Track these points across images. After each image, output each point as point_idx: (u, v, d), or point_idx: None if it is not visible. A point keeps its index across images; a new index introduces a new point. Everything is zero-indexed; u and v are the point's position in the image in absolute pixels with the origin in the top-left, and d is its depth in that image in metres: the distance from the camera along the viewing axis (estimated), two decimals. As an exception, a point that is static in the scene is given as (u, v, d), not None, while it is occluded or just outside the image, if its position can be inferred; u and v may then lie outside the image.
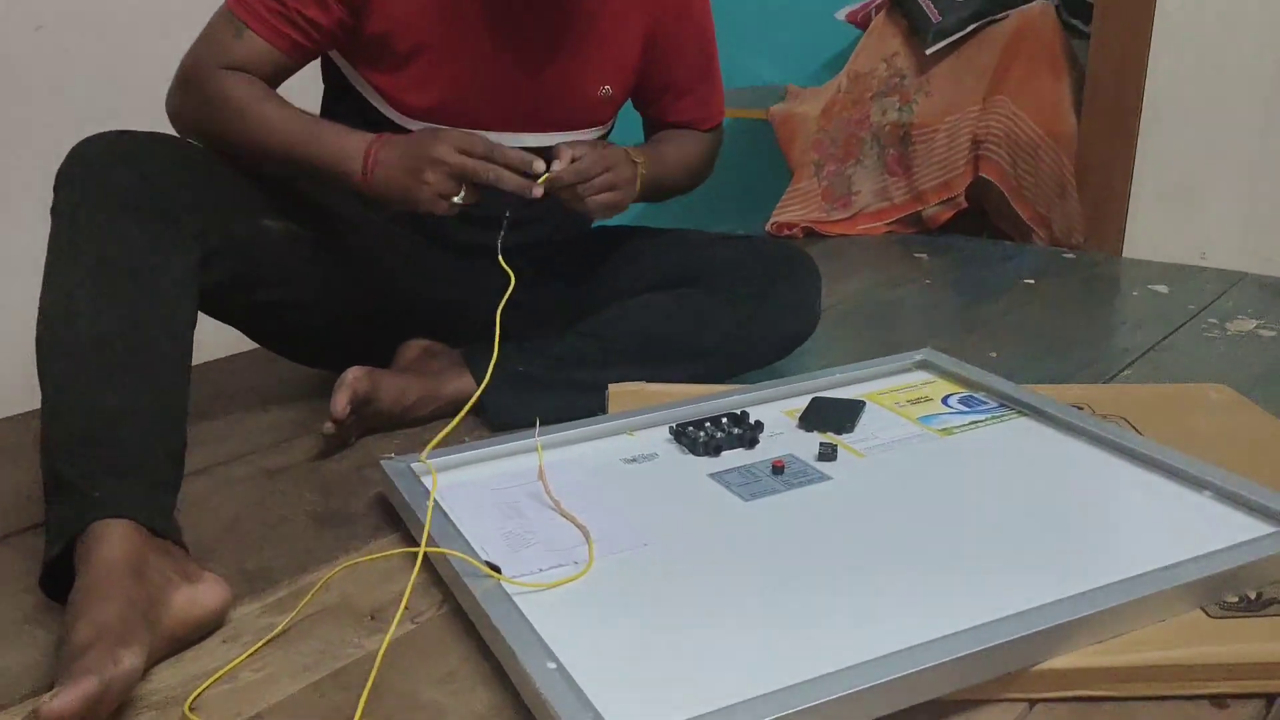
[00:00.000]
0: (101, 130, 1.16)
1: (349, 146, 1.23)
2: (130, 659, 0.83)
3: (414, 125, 1.33)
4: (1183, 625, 0.90)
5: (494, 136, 1.33)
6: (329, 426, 1.28)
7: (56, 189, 1.12)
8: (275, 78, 1.28)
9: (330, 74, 1.39)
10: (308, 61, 1.31)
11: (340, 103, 1.36)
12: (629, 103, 1.50)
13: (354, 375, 1.29)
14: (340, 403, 1.27)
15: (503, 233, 1.28)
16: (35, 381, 1.21)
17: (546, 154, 1.30)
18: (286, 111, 1.24)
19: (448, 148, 1.20)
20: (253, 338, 1.41)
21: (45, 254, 1.10)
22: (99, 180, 1.11)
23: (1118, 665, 0.87)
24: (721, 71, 1.54)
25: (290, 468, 1.30)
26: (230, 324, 1.35)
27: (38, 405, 1.48)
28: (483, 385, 1.27)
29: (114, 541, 0.92)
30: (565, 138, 1.38)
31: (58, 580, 0.95)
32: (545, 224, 1.44)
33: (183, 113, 1.26)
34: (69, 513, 0.96)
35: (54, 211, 1.12)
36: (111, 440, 1.00)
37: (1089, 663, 0.87)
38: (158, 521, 0.97)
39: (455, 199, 1.21)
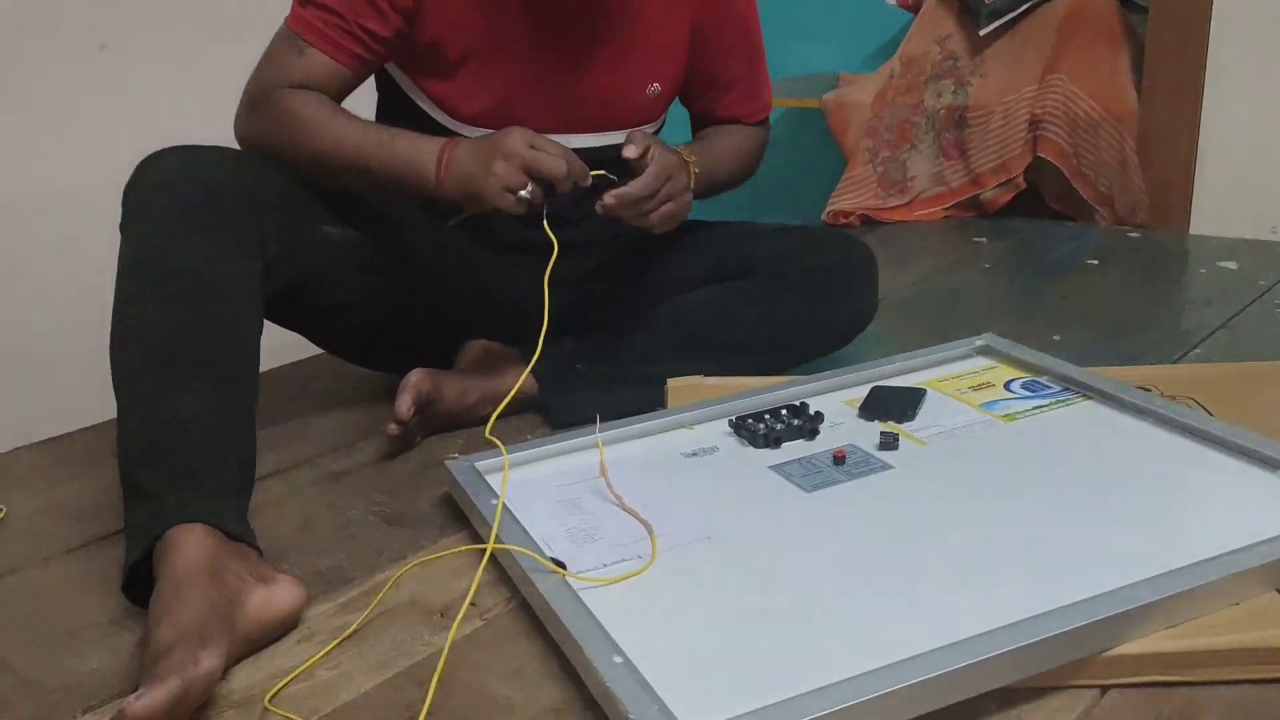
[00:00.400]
0: (165, 146, 1.19)
1: (424, 151, 1.23)
2: (210, 660, 0.85)
3: (468, 131, 1.34)
4: (1257, 608, 0.89)
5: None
6: (393, 428, 1.30)
7: (124, 204, 1.16)
8: (340, 93, 1.29)
9: (384, 85, 1.41)
10: (370, 74, 1.33)
11: (395, 113, 1.38)
12: (678, 101, 1.50)
13: (417, 377, 1.31)
14: (404, 405, 1.29)
15: (545, 207, 1.25)
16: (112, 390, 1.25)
17: (596, 155, 1.31)
18: (358, 124, 1.25)
19: (517, 139, 1.20)
20: (316, 342, 1.44)
21: (116, 268, 1.13)
22: (163, 194, 1.14)
23: (1191, 650, 0.86)
24: (770, 61, 1.53)
25: (357, 470, 1.33)
26: (294, 330, 1.38)
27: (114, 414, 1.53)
28: (530, 365, 1.25)
29: (190, 546, 0.95)
30: (616, 138, 1.38)
31: (140, 584, 0.98)
32: (602, 220, 1.44)
33: (253, 135, 1.27)
34: (146, 518, 0.99)
35: (122, 225, 1.15)
36: (183, 447, 1.03)
37: (1161, 648, 0.86)
38: (231, 525, 1.00)
39: (523, 193, 1.19)
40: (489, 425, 1.19)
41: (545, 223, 1.24)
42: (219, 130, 1.30)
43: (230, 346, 1.11)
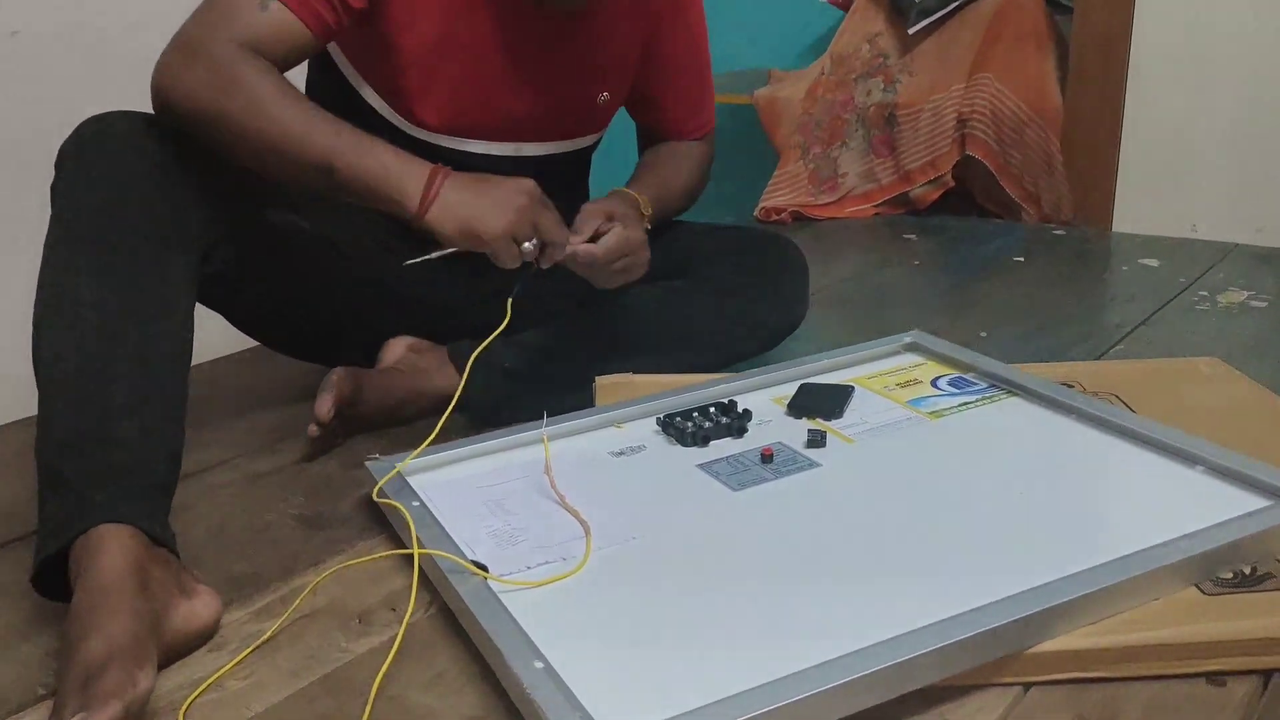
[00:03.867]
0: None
1: (408, 171, 1.10)
2: (146, 680, 0.82)
3: (419, 134, 1.29)
4: (1178, 603, 0.90)
5: (495, 147, 1.33)
6: (313, 429, 1.27)
7: (59, 166, 1.08)
8: (288, 60, 1.15)
9: (322, 71, 1.34)
10: (322, 47, 1.22)
11: (332, 104, 1.32)
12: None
13: (337, 377, 1.28)
14: (324, 405, 1.26)
15: (518, 286, 1.20)
16: (22, 391, 1.18)
17: (540, 162, 1.31)
18: (327, 117, 1.11)
19: (535, 191, 1.12)
20: (242, 327, 1.38)
21: (46, 234, 1.05)
22: (105, 161, 1.05)
23: (1113, 646, 0.86)
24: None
25: (275, 471, 1.29)
26: (221, 312, 1.31)
27: (24, 416, 1.48)
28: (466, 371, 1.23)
29: (117, 550, 0.90)
30: (564, 146, 1.38)
31: (50, 579, 0.93)
32: None
33: (186, 93, 1.08)
34: (68, 512, 0.93)
35: (55, 191, 1.07)
36: (114, 439, 0.97)
37: (1084, 644, 0.86)
38: (158, 530, 0.96)
39: (526, 245, 1.11)
40: (410, 457, 1.15)
41: (513, 294, 1.18)
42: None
43: (166, 332, 1.04)
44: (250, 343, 1.60)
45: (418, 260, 1.14)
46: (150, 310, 1.03)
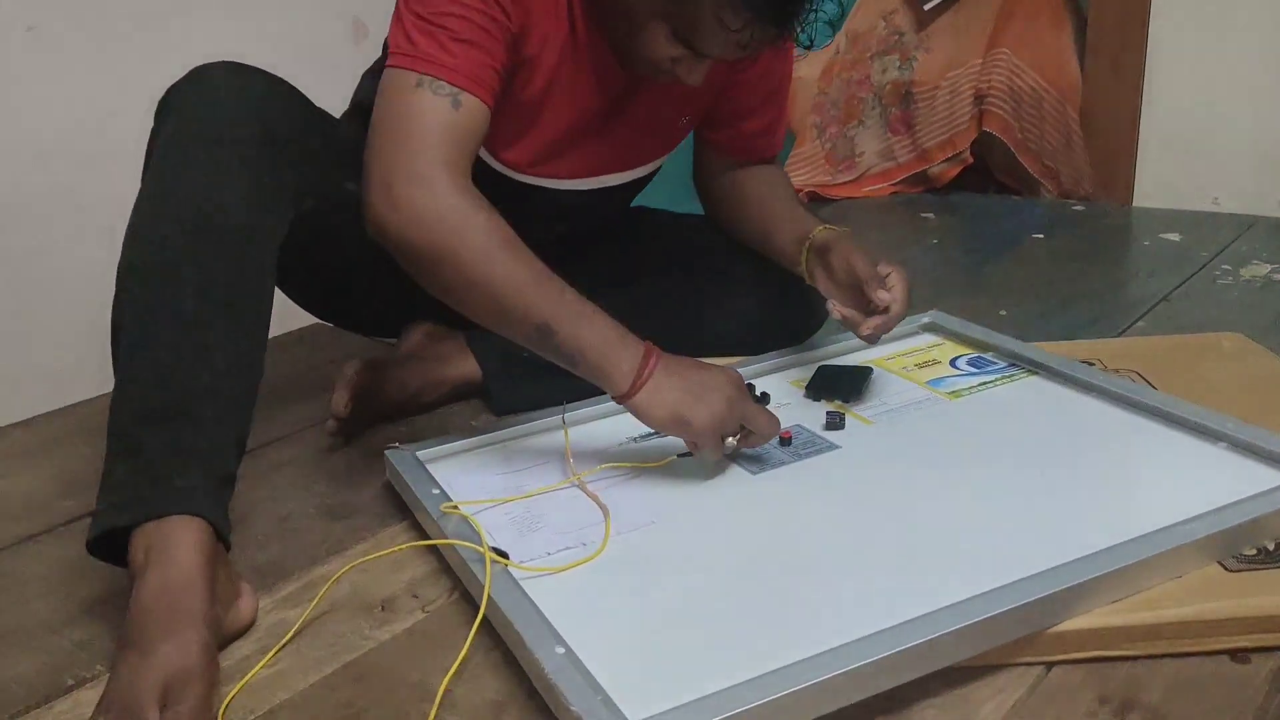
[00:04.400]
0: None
1: (621, 349, 1.04)
2: (216, 701, 0.84)
3: (503, 170, 1.26)
4: (1200, 580, 0.89)
5: (578, 183, 1.31)
6: (331, 425, 1.28)
7: (160, 116, 1.04)
8: (480, 142, 1.10)
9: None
10: None
11: None
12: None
13: (353, 370, 1.28)
14: (340, 400, 1.26)
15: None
16: (45, 387, 1.19)
17: (620, 191, 1.32)
18: (547, 275, 1.04)
19: (743, 389, 1.07)
20: (297, 298, 1.36)
21: (142, 185, 1.02)
22: (214, 110, 1.01)
23: (1135, 624, 0.86)
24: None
25: (297, 460, 1.30)
26: (282, 287, 1.29)
27: (47, 409, 1.49)
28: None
29: (193, 545, 0.90)
30: (641, 171, 1.36)
31: (105, 542, 0.93)
32: (587, 219, 1.41)
33: (413, 227, 1.02)
34: (143, 486, 0.92)
35: (155, 141, 1.03)
36: (198, 418, 0.94)
37: (1106, 622, 0.86)
38: (224, 527, 0.95)
39: (730, 440, 1.06)
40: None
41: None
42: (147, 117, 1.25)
43: (254, 311, 1.02)
44: (271, 331, 1.61)
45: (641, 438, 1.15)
46: (242, 287, 1.00)
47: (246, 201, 1.00)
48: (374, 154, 1.04)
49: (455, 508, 1.04)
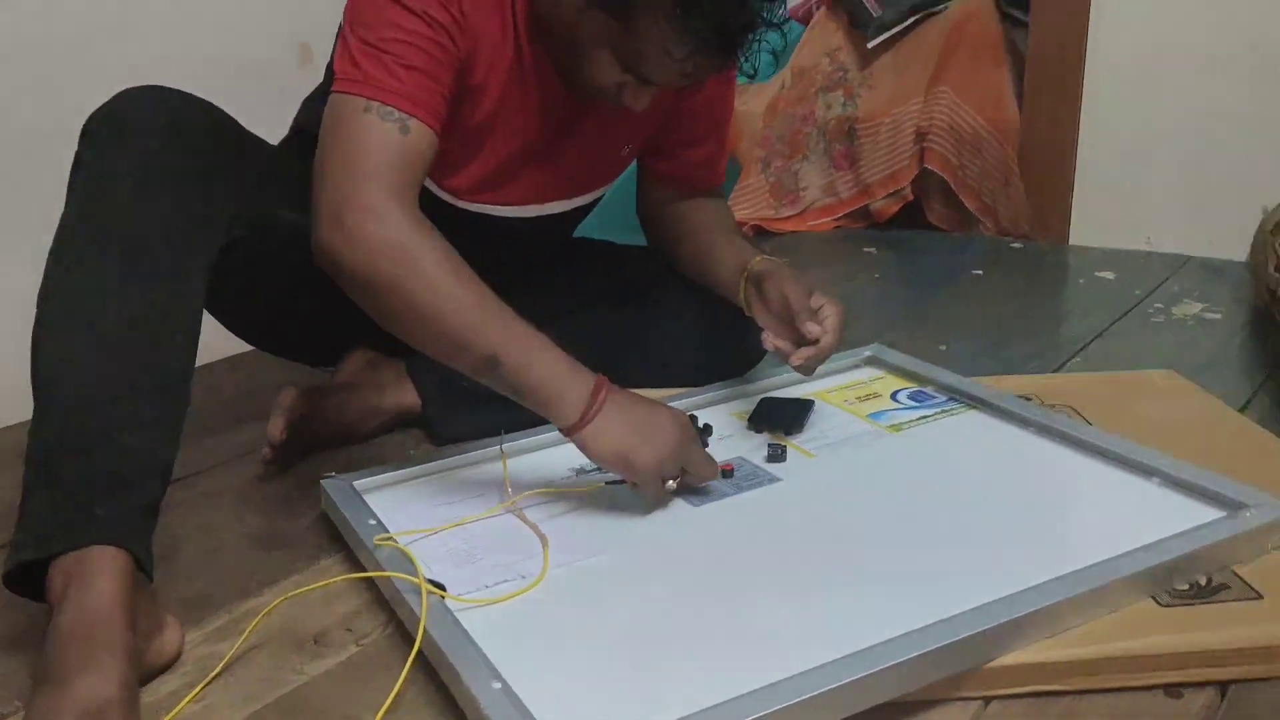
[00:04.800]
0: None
1: (570, 382, 1.03)
2: None
3: (445, 197, 1.25)
4: (1134, 615, 0.90)
5: (519, 210, 1.30)
6: (266, 452, 1.26)
7: (85, 140, 1.01)
8: (428, 168, 1.09)
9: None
10: None
11: None
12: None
13: (289, 397, 1.26)
14: (276, 427, 1.24)
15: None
16: (20, 394, 1.13)
17: (551, 221, 1.31)
18: (496, 305, 1.03)
19: (689, 435, 1.07)
20: (233, 327, 1.34)
21: (64, 211, 0.99)
22: (141, 136, 1.00)
23: (1071, 659, 0.86)
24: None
25: (231, 489, 1.27)
26: (210, 308, 1.22)
27: (22, 420, 1.44)
28: None
29: (112, 576, 0.88)
30: (583, 200, 1.36)
31: (20, 573, 0.90)
32: (531, 246, 1.40)
33: (359, 256, 1.00)
34: (62, 516, 0.89)
35: (80, 167, 1.00)
36: (119, 447, 0.92)
37: (1042, 657, 0.86)
38: (147, 557, 0.93)
39: (670, 483, 1.07)
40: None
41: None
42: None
43: (181, 338, 1.00)
44: (204, 356, 1.57)
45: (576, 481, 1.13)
46: (170, 314, 0.98)
47: (171, 229, 0.99)
48: (322, 180, 1.03)
49: (390, 539, 1.02)
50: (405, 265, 1.00)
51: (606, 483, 1.11)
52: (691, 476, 1.09)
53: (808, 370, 1.23)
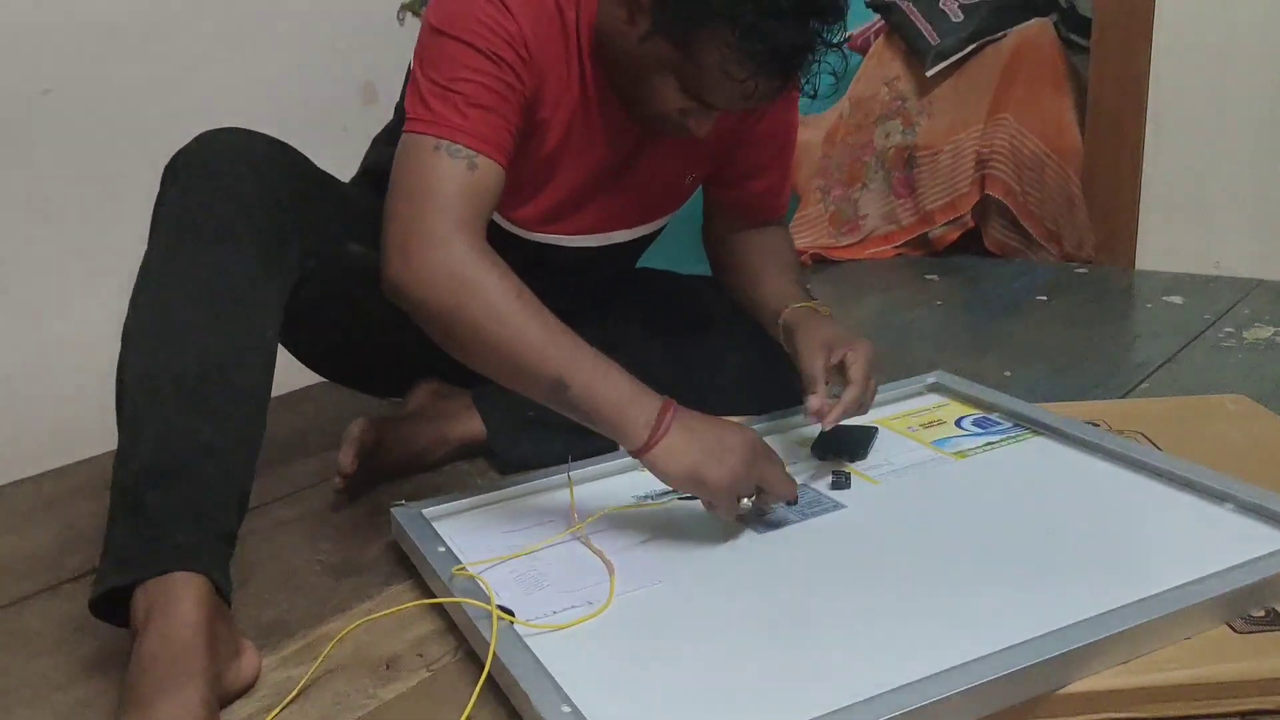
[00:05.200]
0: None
1: (638, 404, 1.04)
2: None
3: (510, 228, 1.27)
4: (1208, 642, 0.89)
5: (585, 240, 1.32)
6: (338, 482, 1.28)
7: (167, 181, 1.06)
8: (497, 202, 1.11)
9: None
10: None
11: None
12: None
13: (360, 428, 1.29)
14: (347, 457, 1.27)
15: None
16: (48, 443, 1.18)
17: (617, 250, 1.33)
18: (561, 330, 1.05)
19: (764, 452, 1.07)
20: (303, 357, 1.37)
21: (147, 249, 1.04)
22: (221, 177, 1.04)
23: (1144, 685, 0.85)
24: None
25: (303, 518, 1.30)
26: (289, 347, 1.30)
27: (52, 467, 1.49)
28: None
29: (193, 602, 0.90)
30: (649, 228, 1.38)
31: (106, 601, 0.93)
32: (596, 275, 1.42)
33: (423, 286, 1.03)
34: (144, 543, 0.93)
35: (161, 206, 1.05)
36: (199, 477, 0.95)
37: (1114, 684, 0.85)
38: (225, 582, 0.96)
39: (745, 502, 1.07)
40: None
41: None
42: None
43: (258, 372, 1.03)
44: (277, 388, 1.61)
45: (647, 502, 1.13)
46: (246, 350, 1.02)
47: (250, 266, 1.03)
48: (391, 216, 1.06)
49: (465, 570, 1.03)
50: (469, 293, 1.03)
51: (679, 498, 1.11)
52: (767, 495, 1.08)
53: (834, 422, 1.20)
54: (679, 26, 1.05)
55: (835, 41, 1.08)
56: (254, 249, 1.04)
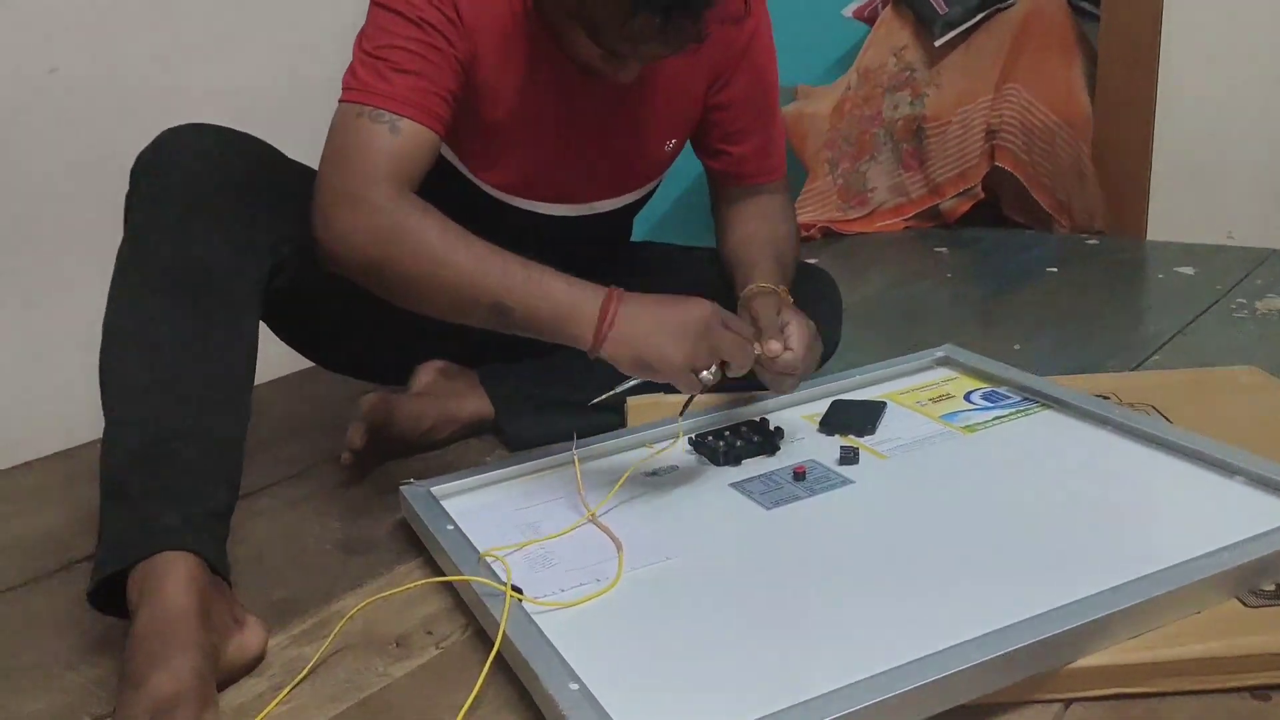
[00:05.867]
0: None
1: (579, 301, 1.05)
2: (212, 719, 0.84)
3: (492, 192, 1.28)
4: (1219, 616, 0.88)
5: (565, 208, 1.32)
6: (346, 457, 1.28)
7: (134, 178, 1.09)
8: (426, 168, 1.12)
9: None
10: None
11: None
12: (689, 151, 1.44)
13: (368, 404, 1.29)
14: (356, 433, 1.27)
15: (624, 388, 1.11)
16: (63, 423, 1.18)
17: (601, 220, 1.32)
18: (496, 255, 1.05)
19: (714, 318, 1.06)
20: (296, 345, 1.38)
21: (120, 246, 1.06)
22: (182, 173, 1.06)
23: (1154, 660, 0.85)
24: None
25: (313, 496, 1.30)
26: (275, 330, 1.31)
27: (63, 447, 1.50)
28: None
29: (182, 579, 0.91)
30: (631, 197, 1.37)
31: (104, 592, 0.94)
32: (585, 245, 1.42)
33: (348, 242, 1.06)
34: (132, 530, 0.94)
35: (130, 203, 1.08)
36: (180, 460, 0.97)
37: (1124, 659, 0.85)
38: (218, 558, 0.97)
39: (705, 374, 1.06)
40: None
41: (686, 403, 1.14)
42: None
43: (234, 357, 1.05)
44: (286, 369, 1.61)
45: (603, 399, 1.10)
46: (222, 334, 1.04)
47: (219, 254, 1.05)
48: (317, 185, 1.09)
49: (490, 553, 1.03)
50: (391, 240, 1.05)
51: (632, 385, 1.09)
52: (730, 366, 1.09)
53: (780, 389, 1.23)
54: None
55: None
56: (220, 237, 1.06)
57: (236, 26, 1.79)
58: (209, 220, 1.05)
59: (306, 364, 1.67)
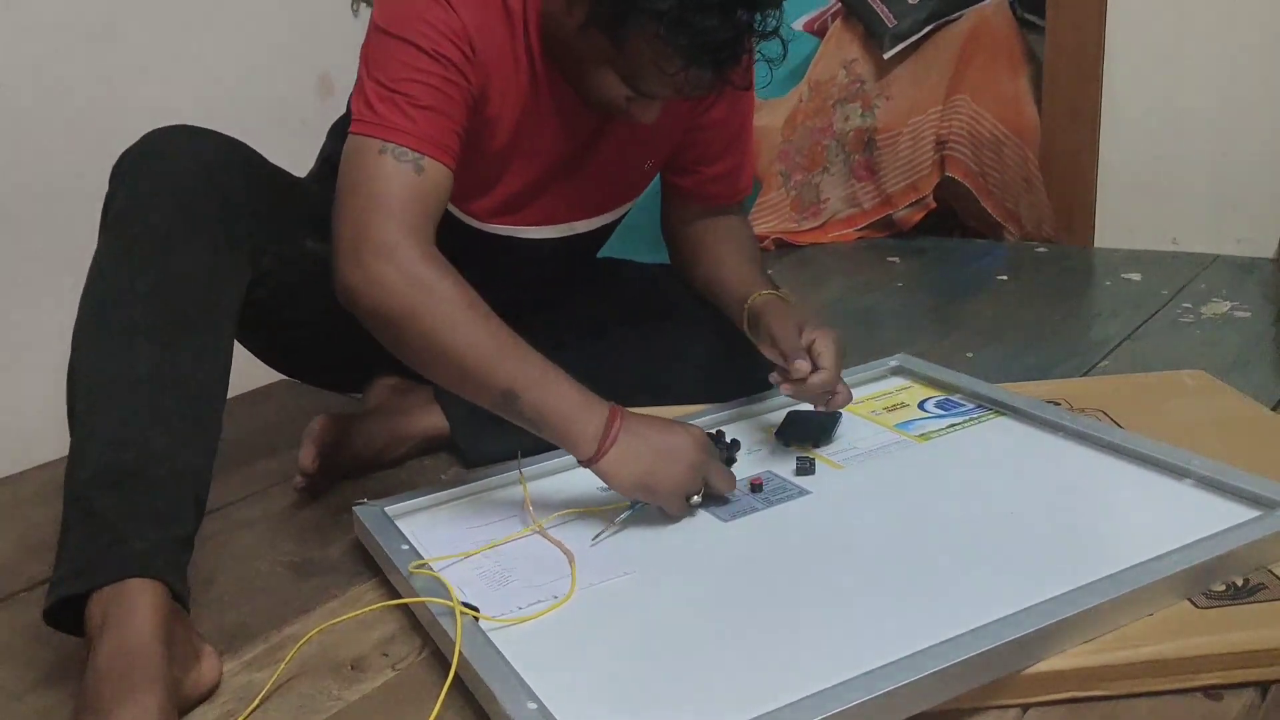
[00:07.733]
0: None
1: (586, 413, 1.05)
2: None
3: (471, 222, 1.27)
4: (1171, 618, 0.89)
5: (545, 231, 1.31)
6: (298, 481, 1.27)
7: (115, 179, 1.05)
8: (444, 205, 1.10)
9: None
10: None
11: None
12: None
13: (319, 426, 1.27)
14: (307, 455, 1.25)
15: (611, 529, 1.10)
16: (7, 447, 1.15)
17: (579, 241, 1.32)
18: (510, 340, 1.05)
19: (704, 451, 1.09)
20: (268, 359, 1.36)
21: (96, 248, 1.03)
22: (170, 174, 1.03)
23: (1108, 663, 0.86)
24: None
25: (265, 518, 1.28)
26: (244, 340, 1.27)
27: (9, 473, 1.47)
28: None
29: (149, 609, 0.89)
30: (610, 217, 1.37)
31: (60, 608, 0.91)
32: (560, 264, 1.40)
33: (375, 293, 1.03)
34: (99, 549, 0.91)
35: (110, 206, 1.04)
36: (153, 481, 0.94)
37: (1079, 663, 0.86)
38: (182, 587, 0.94)
39: (694, 499, 1.09)
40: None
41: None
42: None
43: (212, 372, 1.03)
44: (235, 389, 1.58)
45: (602, 536, 1.08)
46: (200, 349, 1.01)
47: (201, 264, 1.02)
48: (340, 221, 1.05)
49: (425, 565, 1.03)
50: (421, 301, 1.02)
51: (631, 504, 1.11)
52: (716, 491, 1.10)
53: (836, 407, 1.21)
54: (610, 20, 1.05)
55: (770, 30, 1.07)
56: (205, 249, 1.03)
57: (184, 44, 1.77)
58: (195, 228, 1.03)
59: (256, 383, 1.66)
